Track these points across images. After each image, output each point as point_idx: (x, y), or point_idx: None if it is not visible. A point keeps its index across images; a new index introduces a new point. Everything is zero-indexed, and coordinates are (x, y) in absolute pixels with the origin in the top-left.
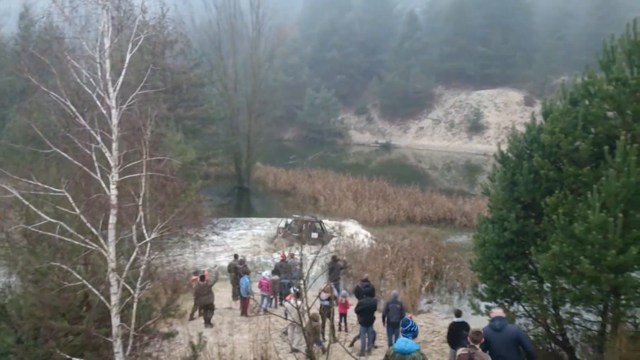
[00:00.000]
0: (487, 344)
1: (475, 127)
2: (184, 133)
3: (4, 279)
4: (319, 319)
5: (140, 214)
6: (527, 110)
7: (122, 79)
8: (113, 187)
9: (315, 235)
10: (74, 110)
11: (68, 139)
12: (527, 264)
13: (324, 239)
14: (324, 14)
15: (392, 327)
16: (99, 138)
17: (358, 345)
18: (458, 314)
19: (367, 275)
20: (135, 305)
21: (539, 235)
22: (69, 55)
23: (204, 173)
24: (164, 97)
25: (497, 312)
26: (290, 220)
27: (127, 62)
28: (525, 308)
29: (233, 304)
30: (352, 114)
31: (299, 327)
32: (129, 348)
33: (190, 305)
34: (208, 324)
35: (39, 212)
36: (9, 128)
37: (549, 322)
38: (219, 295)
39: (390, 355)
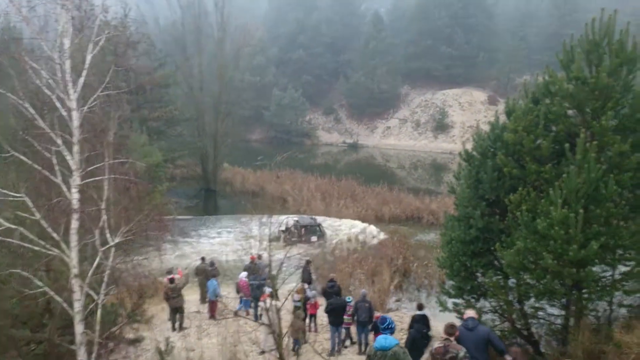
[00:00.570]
0: (459, 343)
1: (441, 126)
2: (149, 134)
3: None
4: (303, 317)
5: (104, 218)
6: (490, 109)
7: (83, 80)
8: (75, 190)
9: (315, 239)
10: (33, 113)
11: (27, 142)
12: (492, 261)
13: (324, 242)
14: (290, 14)
15: (361, 326)
16: (60, 141)
17: (328, 346)
18: (420, 308)
19: (333, 276)
20: (100, 312)
21: (504, 232)
22: (27, 56)
23: (170, 175)
24: (128, 98)
25: (470, 312)
26: (291, 223)
27: (88, 62)
28: (492, 304)
29: (201, 308)
30: (319, 114)
31: (271, 328)
32: (94, 355)
33: (161, 309)
34: (180, 328)
35: None
36: None
37: (515, 317)
38: (187, 299)
39: (372, 354)
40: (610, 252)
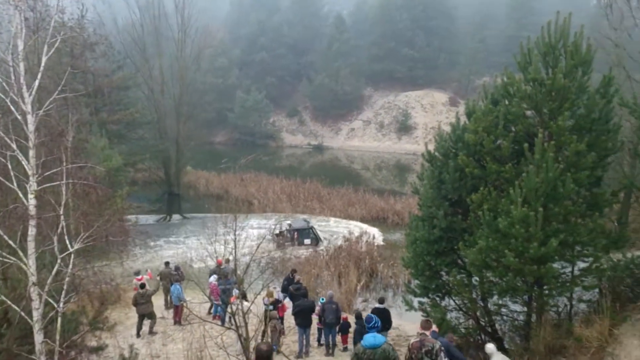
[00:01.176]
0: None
1: (404, 127)
2: (109, 138)
3: None
4: (277, 317)
5: (62, 224)
6: (452, 111)
7: (38, 83)
8: (31, 196)
9: (308, 242)
10: None
11: None
12: (456, 259)
13: (317, 244)
14: (252, 15)
15: (328, 327)
16: (14, 145)
17: (296, 348)
18: (381, 301)
19: (298, 278)
20: (60, 320)
21: (467, 231)
22: None
23: (131, 179)
24: (86, 101)
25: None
26: (285, 226)
27: (43, 65)
28: (456, 302)
29: (165, 313)
30: (283, 116)
31: (238, 330)
32: None
33: (124, 316)
34: (150, 332)
35: None
36: None
37: (479, 314)
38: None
39: (361, 353)
40: (569, 248)
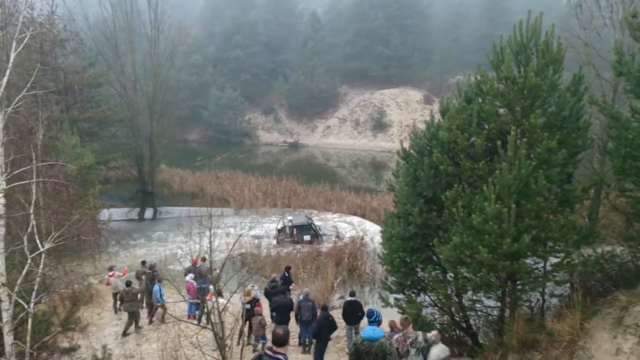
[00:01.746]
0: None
1: (379, 125)
2: (80, 136)
3: None
4: (262, 313)
5: (33, 224)
6: (426, 109)
7: (6, 80)
8: (0, 195)
9: (308, 238)
10: None
11: None
12: (431, 256)
13: (318, 241)
14: (226, 12)
15: (304, 325)
16: None
17: None
18: (352, 294)
19: (274, 275)
20: (31, 321)
21: (441, 228)
22: None
23: (104, 177)
24: (56, 98)
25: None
26: (286, 222)
27: (11, 61)
28: (431, 298)
29: (141, 313)
30: (259, 114)
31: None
32: None
33: (97, 316)
34: (136, 329)
35: None
36: None
37: (453, 310)
38: None
39: (359, 344)
40: (541, 244)
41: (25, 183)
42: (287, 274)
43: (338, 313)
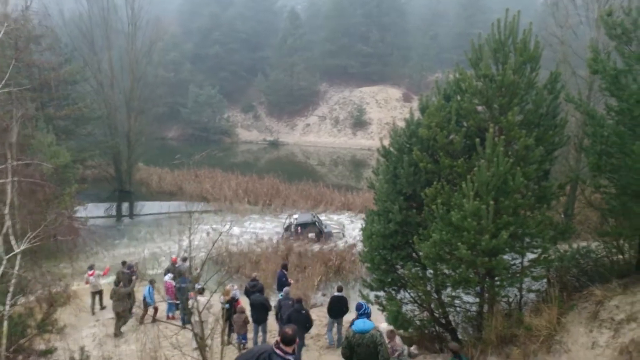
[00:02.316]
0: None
1: (359, 123)
2: (56, 134)
3: None
4: (245, 311)
5: (8, 224)
6: (405, 106)
7: None
8: None
9: (313, 235)
10: None
11: None
12: (411, 253)
13: (323, 239)
14: (205, 9)
15: (284, 324)
16: None
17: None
18: (339, 289)
19: (255, 274)
20: (6, 323)
21: (421, 225)
22: None
23: (80, 176)
24: (31, 95)
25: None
26: (292, 220)
27: None
28: (411, 295)
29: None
30: (238, 112)
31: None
32: None
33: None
34: (117, 334)
35: None
36: None
37: (433, 306)
38: (106, 304)
39: (351, 337)
40: (519, 240)
41: (0, 182)
42: (284, 271)
43: (319, 311)
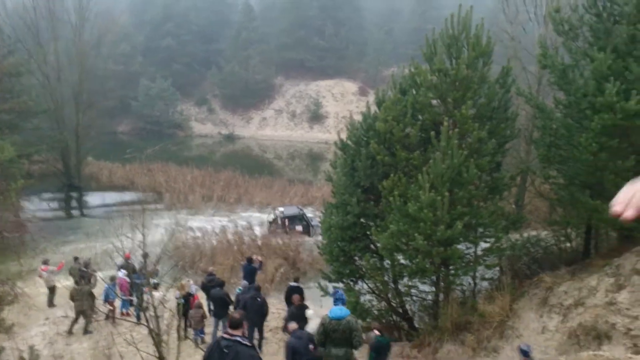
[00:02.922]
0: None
1: (316, 116)
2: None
3: None
4: (203, 306)
5: None
6: (362, 100)
7: None
8: None
9: (300, 228)
10: None
11: None
12: (369, 244)
13: (310, 231)
14: (156, 0)
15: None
16: None
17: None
18: (296, 279)
19: (212, 269)
20: None
21: (379, 217)
22: None
23: (26, 172)
24: None
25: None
26: (277, 213)
27: None
28: (369, 285)
29: (69, 312)
30: (192, 105)
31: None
32: None
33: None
34: (86, 332)
35: None
36: None
37: (390, 296)
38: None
39: (327, 323)
40: (473, 230)
41: None
42: (250, 264)
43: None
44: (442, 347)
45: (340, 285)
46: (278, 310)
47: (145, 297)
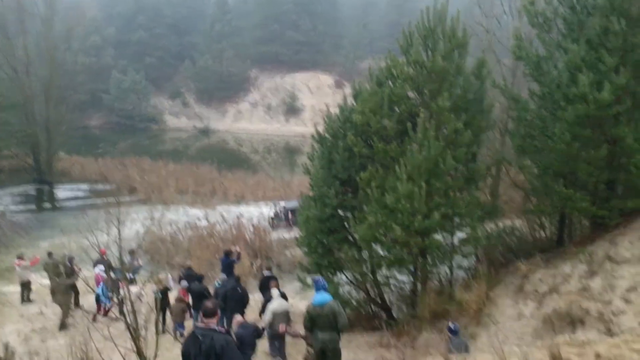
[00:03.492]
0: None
1: (292, 109)
2: None
3: None
4: (185, 300)
5: None
6: (338, 93)
7: None
8: None
9: None
10: None
11: None
12: (347, 236)
13: None
14: None
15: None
16: None
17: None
18: (269, 268)
19: (189, 263)
20: None
21: (357, 208)
22: None
23: None
24: None
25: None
26: (279, 208)
27: None
28: (348, 276)
29: (44, 309)
30: (165, 98)
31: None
32: None
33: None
34: (62, 327)
35: None
36: None
37: (369, 286)
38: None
39: (312, 310)
40: (449, 220)
41: None
42: (228, 258)
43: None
44: (420, 335)
45: (304, 281)
46: (256, 303)
47: (122, 292)
